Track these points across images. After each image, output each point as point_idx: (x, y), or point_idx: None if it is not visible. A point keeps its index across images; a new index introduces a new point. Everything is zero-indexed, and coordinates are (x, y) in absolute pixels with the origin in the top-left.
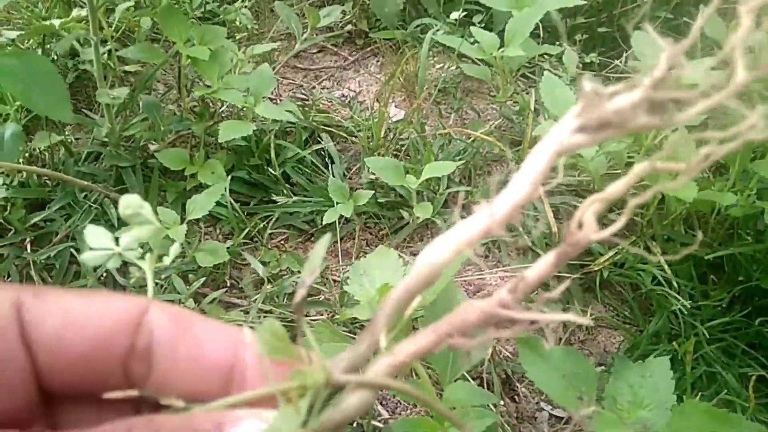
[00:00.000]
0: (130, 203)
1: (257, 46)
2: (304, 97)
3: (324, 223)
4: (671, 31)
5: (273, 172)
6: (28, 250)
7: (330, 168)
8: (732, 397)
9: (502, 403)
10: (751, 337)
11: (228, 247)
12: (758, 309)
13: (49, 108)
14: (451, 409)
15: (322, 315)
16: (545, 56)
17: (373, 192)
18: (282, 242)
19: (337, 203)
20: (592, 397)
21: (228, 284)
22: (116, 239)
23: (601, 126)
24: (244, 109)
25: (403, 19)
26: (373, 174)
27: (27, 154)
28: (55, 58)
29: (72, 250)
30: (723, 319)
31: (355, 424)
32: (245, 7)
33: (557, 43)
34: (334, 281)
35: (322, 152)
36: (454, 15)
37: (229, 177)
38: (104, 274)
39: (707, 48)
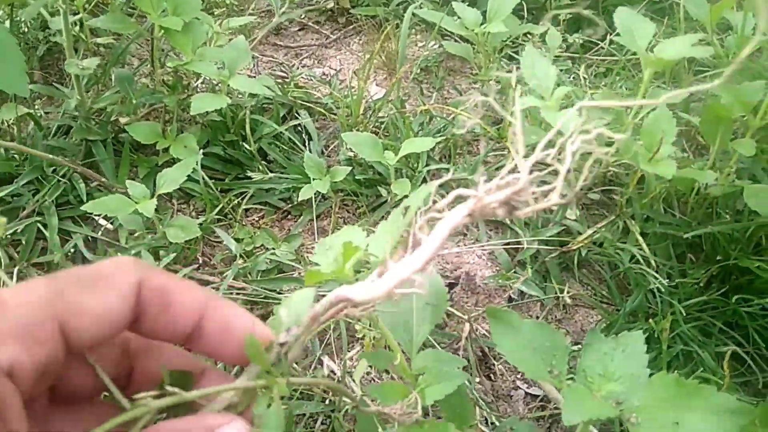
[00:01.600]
0: None
1: (234, 18)
2: (283, 74)
3: (300, 199)
4: (656, 13)
5: (248, 147)
6: None
7: (307, 145)
8: (708, 374)
9: (477, 380)
10: (728, 316)
11: (200, 224)
12: (735, 287)
13: (5, 80)
14: (419, 374)
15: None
16: (528, 35)
17: (350, 168)
18: (257, 219)
19: (314, 179)
20: (564, 370)
21: (200, 261)
22: None
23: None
24: (219, 83)
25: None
26: (351, 151)
27: None
28: (26, 30)
29: (39, 225)
30: (700, 298)
31: (326, 401)
32: None
33: (541, 23)
34: (310, 261)
35: (300, 129)
36: None
37: (204, 152)
38: (72, 251)
39: (691, 29)
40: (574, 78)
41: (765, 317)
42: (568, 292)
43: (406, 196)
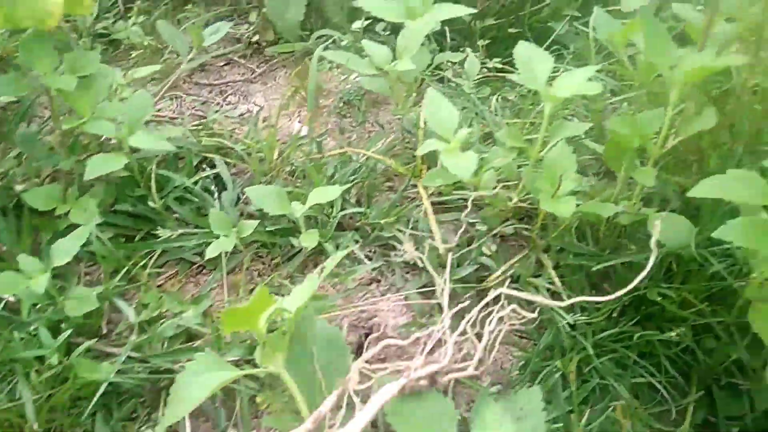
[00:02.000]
0: None
1: (138, 69)
2: (204, 115)
3: (206, 258)
4: (578, 29)
5: (153, 205)
6: None
7: (219, 196)
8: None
9: None
10: (641, 347)
11: (100, 292)
12: (647, 316)
13: None
14: None
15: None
16: (448, 63)
17: (258, 222)
18: (169, 278)
19: (220, 236)
20: None
21: (105, 330)
22: None
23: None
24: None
25: (308, 29)
26: None
27: None
28: None
29: None
30: (613, 330)
31: None
32: (137, 24)
33: (463, 47)
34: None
35: (216, 176)
36: (357, 24)
37: (112, 209)
38: None
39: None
40: (489, 107)
41: (678, 344)
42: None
43: (319, 246)
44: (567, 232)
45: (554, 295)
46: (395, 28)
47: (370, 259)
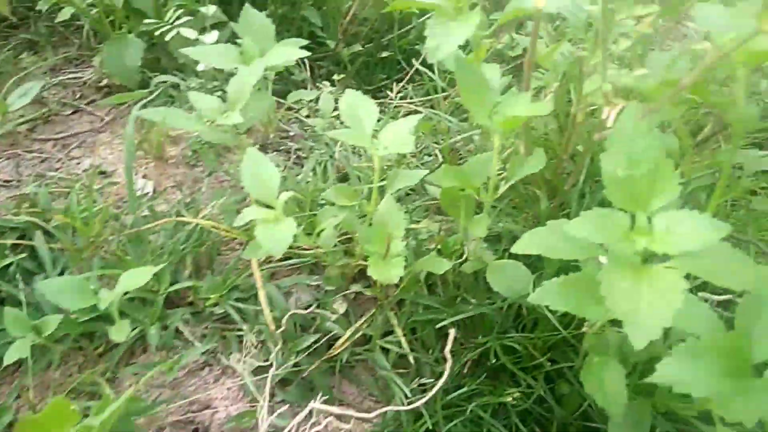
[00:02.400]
0: None
1: None
2: (42, 173)
3: (5, 364)
4: None
5: None
6: None
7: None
8: None
9: None
10: (494, 402)
11: None
12: (499, 368)
13: None
14: None
15: None
16: (301, 102)
17: (62, 316)
18: None
19: (17, 339)
20: None
21: None
22: None
23: None
24: None
25: (160, 70)
26: None
27: None
28: None
29: None
30: (464, 390)
31: None
32: None
33: (332, 76)
34: None
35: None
36: (201, 66)
37: None
38: None
39: None
40: (343, 147)
41: (530, 397)
42: (337, 401)
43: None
44: (415, 285)
45: (402, 357)
46: None
47: (205, 336)
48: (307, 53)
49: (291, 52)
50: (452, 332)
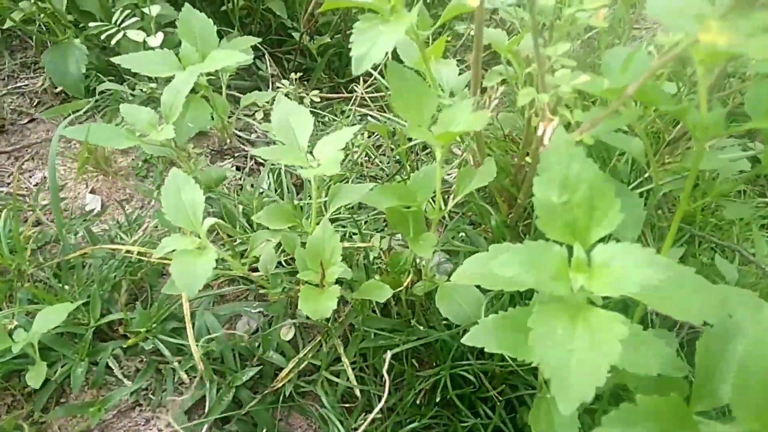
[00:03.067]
0: None
1: None
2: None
3: None
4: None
5: None
6: None
7: None
8: None
9: None
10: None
11: None
12: (458, 396)
13: None
14: None
15: None
16: (255, 105)
17: None
18: None
19: None
20: None
21: None
22: None
23: None
24: None
25: (111, 77)
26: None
27: None
28: None
29: None
30: (420, 422)
31: None
32: None
33: (302, 69)
34: None
35: None
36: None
37: None
38: None
39: None
40: None
41: (487, 428)
42: None
43: (68, 367)
44: (365, 308)
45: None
46: None
47: (139, 371)
48: (247, 57)
49: (232, 55)
50: (388, 356)
